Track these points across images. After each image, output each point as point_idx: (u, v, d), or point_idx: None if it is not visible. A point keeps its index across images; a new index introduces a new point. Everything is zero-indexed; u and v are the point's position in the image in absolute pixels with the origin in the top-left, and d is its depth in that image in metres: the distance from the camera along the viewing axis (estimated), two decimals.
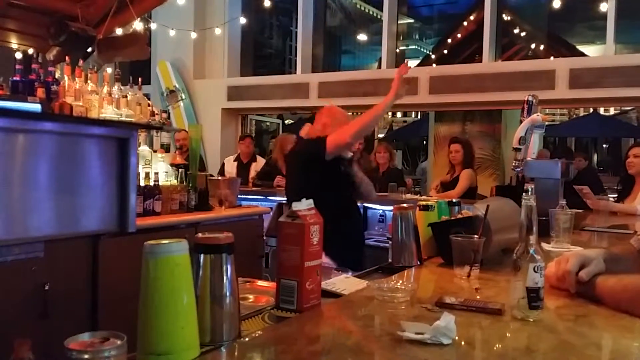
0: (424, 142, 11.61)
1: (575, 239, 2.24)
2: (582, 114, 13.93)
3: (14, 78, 2.78)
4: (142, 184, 3.07)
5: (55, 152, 1.02)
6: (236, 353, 1.02)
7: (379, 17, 9.40)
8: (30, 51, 3.66)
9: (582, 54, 9.29)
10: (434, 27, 14.27)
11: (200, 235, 1.07)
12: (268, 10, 9.83)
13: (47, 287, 2.25)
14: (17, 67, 2.87)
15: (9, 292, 2.17)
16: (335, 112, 2.96)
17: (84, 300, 2.48)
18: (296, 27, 8.61)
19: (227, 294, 1.05)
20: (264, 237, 3.83)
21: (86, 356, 0.68)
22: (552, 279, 1.38)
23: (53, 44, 3.80)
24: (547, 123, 2.81)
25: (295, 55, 8.62)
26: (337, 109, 3.00)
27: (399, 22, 8.61)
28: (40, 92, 2.77)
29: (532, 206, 1.21)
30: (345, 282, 1.54)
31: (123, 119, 3.01)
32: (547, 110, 9.74)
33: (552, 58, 8.05)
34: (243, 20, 7.99)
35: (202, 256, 1.04)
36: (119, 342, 0.70)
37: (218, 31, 7.74)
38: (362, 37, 13.05)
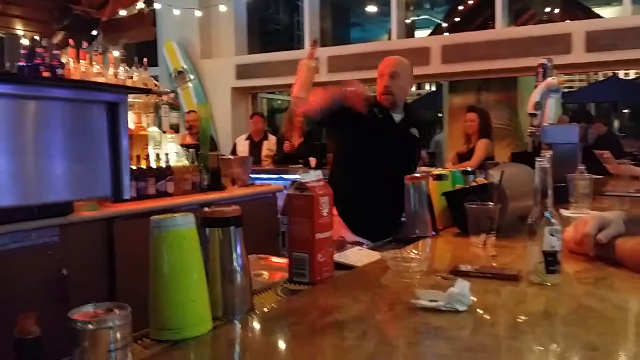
0: (439, 114, 11.47)
1: (596, 204, 2.19)
2: (601, 78, 13.62)
3: (20, 63, 2.78)
4: (153, 165, 3.07)
5: (43, 118, 0.99)
6: (249, 326, 1.01)
7: None
8: (36, 37, 3.65)
9: (599, 17, 9.03)
10: None
11: (207, 209, 1.05)
12: None
13: (64, 272, 2.27)
14: (23, 51, 2.87)
15: (28, 277, 2.20)
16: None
17: (101, 282, 2.51)
18: (303, 2, 8.47)
19: (238, 267, 1.04)
20: (279, 216, 3.82)
21: (90, 326, 0.68)
22: (571, 243, 1.35)
23: (58, 29, 3.79)
24: (565, 89, 2.74)
25: (303, 31, 8.51)
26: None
27: None
28: (46, 76, 2.75)
29: (547, 168, 1.17)
30: (358, 254, 1.53)
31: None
32: (565, 75, 9.53)
33: (567, 21, 7.85)
34: None
35: (209, 230, 1.03)
36: (123, 312, 0.70)
37: (223, 8, 7.65)
38: (371, 8, 12.83)
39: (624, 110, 16.13)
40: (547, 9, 9.88)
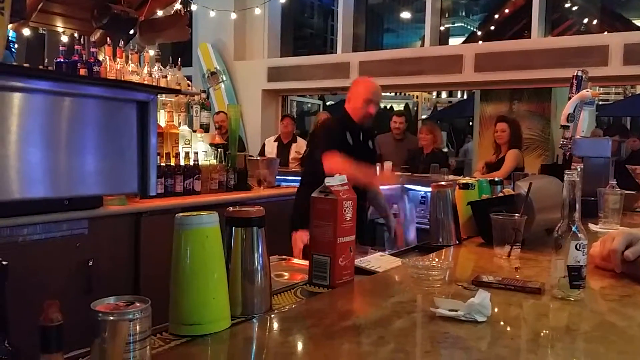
0: (469, 122, 11.34)
1: (625, 220, 2.14)
2: (638, 92, 13.28)
3: (58, 59, 2.88)
4: (182, 163, 3.12)
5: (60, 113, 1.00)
6: (267, 326, 1.02)
7: None
8: (76, 35, 3.76)
9: (639, 29, 8.80)
10: (480, 3, 13.82)
11: (231, 209, 1.07)
12: None
13: (91, 263, 2.33)
14: (61, 48, 2.96)
15: (56, 267, 2.26)
16: (359, 86, 2.89)
17: (126, 276, 2.56)
18: (337, 6, 8.49)
19: (258, 267, 1.05)
20: None
21: (111, 318, 0.69)
22: (597, 258, 1.32)
23: (97, 27, 3.89)
24: (600, 102, 2.69)
25: (337, 35, 8.52)
26: (363, 83, 2.93)
27: None
28: (83, 73, 2.84)
29: (575, 182, 1.15)
30: (380, 260, 1.52)
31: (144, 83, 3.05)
32: (601, 88, 9.32)
33: (605, 33, 7.67)
34: (283, 0, 7.94)
35: (233, 229, 1.04)
36: (143, 305, 0.71)
37: (258, 11, 7.72)
38: (405, 15, 12.79)
39: None
40: (586, 20, 9.66)
